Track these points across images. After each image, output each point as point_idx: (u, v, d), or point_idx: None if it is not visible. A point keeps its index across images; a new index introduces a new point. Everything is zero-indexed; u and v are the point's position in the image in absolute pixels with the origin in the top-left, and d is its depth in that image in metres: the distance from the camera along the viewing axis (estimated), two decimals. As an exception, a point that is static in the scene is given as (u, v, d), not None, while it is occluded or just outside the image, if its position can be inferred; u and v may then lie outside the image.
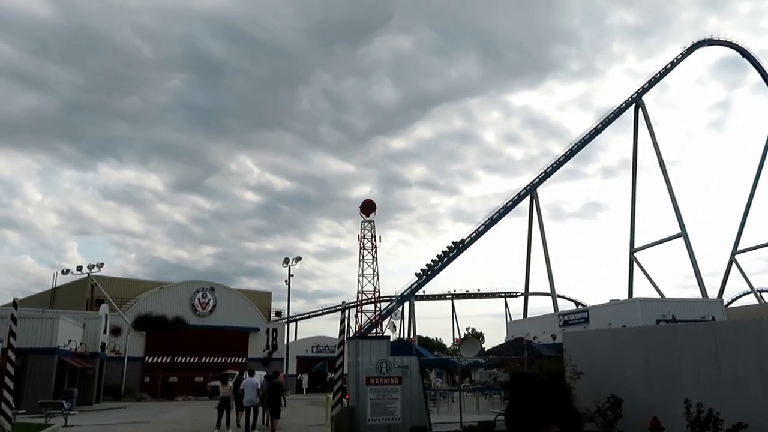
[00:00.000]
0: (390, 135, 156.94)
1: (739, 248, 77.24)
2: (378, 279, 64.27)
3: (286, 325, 50.07)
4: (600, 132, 72.96)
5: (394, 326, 61.38)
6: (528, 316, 64.81)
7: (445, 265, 67.17)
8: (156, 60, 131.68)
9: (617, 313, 25.44)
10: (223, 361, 46.60)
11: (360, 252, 64.57)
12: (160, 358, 45.35)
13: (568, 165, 72.11)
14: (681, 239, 67.24)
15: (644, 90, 74.54)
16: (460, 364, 19.42)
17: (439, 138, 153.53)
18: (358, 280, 63.91)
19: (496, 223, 70.02)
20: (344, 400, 16.83)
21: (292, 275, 45.27)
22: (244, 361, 46.90)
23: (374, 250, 64.88)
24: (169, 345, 45.14)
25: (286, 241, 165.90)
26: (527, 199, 70.58)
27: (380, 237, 68.08)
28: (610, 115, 74.58)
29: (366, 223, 65.77)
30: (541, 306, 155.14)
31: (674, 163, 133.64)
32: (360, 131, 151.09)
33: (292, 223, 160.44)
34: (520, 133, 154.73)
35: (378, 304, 64.55)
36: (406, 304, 70.35)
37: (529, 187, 71.05)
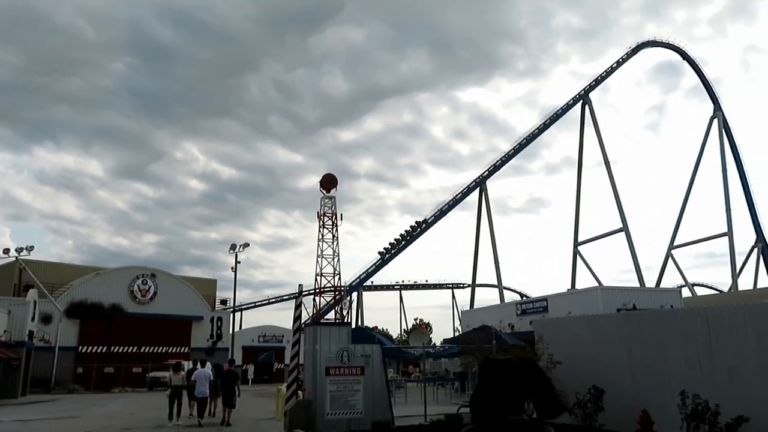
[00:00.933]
0: (340, 126, 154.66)
1: (675, 243, 79.09)
2: (339, 260, 60.42)
3: (231, 314, 47.75)
4: (547, 127, 73.32)
5: (343, 317, 59.68)
6: (474, 307, 64.63)
7: (404, 248, 65.83)
8: (99, 42, 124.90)
9: (578, 302, 24.77)
10: (164, 350, 43.96)
11: (319, 230, 60.44)
12: (96, 347, 42.32)
13: (513, 161, 71.97)
14: (623, 233, 68.08)
15: (591, 88, 75.14)
16: (424, 353, 18.14)
17: (388, 131, 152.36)
18: (317, 261, 60.02)
19: (445, 214, 69.50)
20: (299, 392, 15.23)
21: (239, 262, 43.04)
22: (186, 350, 44.40)
23: (334, 228, 60.74)
24: (106, 334, 42.15)
25: (232, 231, 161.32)
26: (476, 193, 70.21)
27: (341, 215, 61.98)
28: (558, 111, 74.83)
29: (326, 200, 61.09)
30: (486, 297, 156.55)
31: (614, 162, 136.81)
32: (310, 122, 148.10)
33: (239, 213, 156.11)
34: (468, 129, 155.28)
35: (339, 286, 60.83)
36: (354, 295, 68.98)
37: (479, 180, 70.76)
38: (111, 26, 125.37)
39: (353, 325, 67.95)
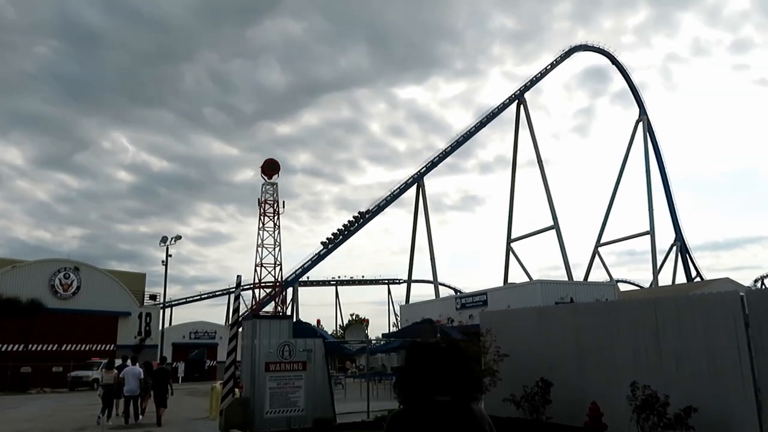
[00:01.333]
0: (276, 120, 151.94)
1: (602, 241, 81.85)
2: (280, 250, 58.27)
3: (162, 310, 45.65)
4: (484, 125, 74.21)
5: (284, 310, 58.31)
6: (410, 302, 64.82)
7: (347, 238, 64.93)
8: (21, 23, 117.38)
9: (517, 295, 24.85)
10: (87, 348, 41.48)
11: (260, 218, 57.83)
12: (11, 345, 39.43)
13: (448, 159, 72.52)
14: (553, 231, 69.81)
15: (526, 88, 76.63)
16: (369, 348, 17.54)
17: (326, 126, 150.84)
18: (257, 251, 57.68)
19: (382, 210, 69.26)
20: (236, 390, 14.33)
21: (171, 255, 41.14)
22: (112, 348, 42.06)
23: (276, 217, 58.34)
24: (23, 331, 39.29)
25: (163, 225, 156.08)
26: (413, 189, 70.30)
27: (283, 202, 58.77)
28: (494, 110, 75.92)
29: (267, 186, 58.45)
30: (421, 293, 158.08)
31: (546, 162, 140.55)
32: (246, 114, 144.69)
33: (170, 206, 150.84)
34: (405, 126, 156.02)
35: (280, 277, 58.53)
36: (290, 290, 67.72)
37: (416, 176, 70.89)
38: (35, 7, 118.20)
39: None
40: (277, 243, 57.75)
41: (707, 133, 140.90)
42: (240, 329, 14.78)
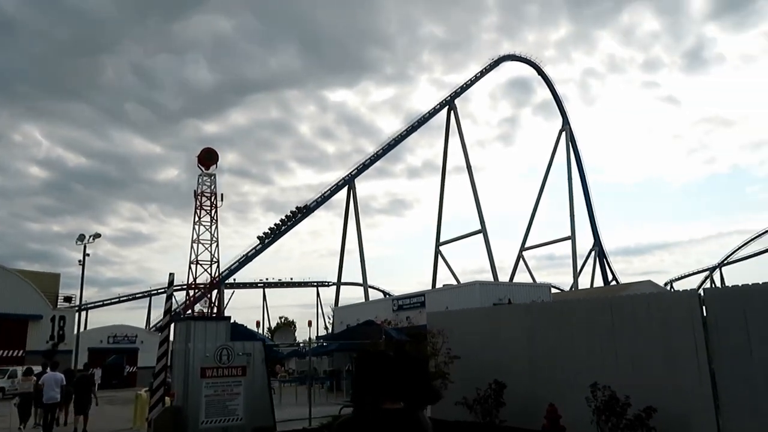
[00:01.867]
0: (203, 118, 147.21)
1: (526, 245, 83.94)
2: (218, 245, 54.96)
3: (77, 313, 42.55)
4: (415, 129, 74.56)
5: (221, 310, 55.79)
6: (339, 304, 64.03)
7: (284, 233, 62.91)
8: None
9: (456, 297, 24.59)
10: (-8, 354, 38.07)
11: (196, 212, 54.24)
12: None
13: (377, 163, 72.16)
14: (481, 235, 70.83)
15: (457, 95, 77.53)
16: (309, 350, 16.60)
17: (254, 126, 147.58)
18: (192, 247, 54.15)
19: (312, 212, 68.10)
20: (167, 398, 13.08)
21: (89, 254, 38.35)
22: (21, 354, 38.81)
23: (214, 210, 54.94)
24: None
25: (78, 224, 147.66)
26: (343, 192, 69.51)
27: (222, 195, 55.45)
28: (425, 115, 76.43)
29: (204, 177, 54.77)
30: (351, 296, 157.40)
31: (475, 168, 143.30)
32: (170, 111, 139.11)
33: (87, 204, 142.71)
34: (335, 129, 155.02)
35: (217, 275, 54.99)
36: (215, 292, 65.22)
37: (347, 178, 70.18)
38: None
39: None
40: (214, 238, 54.58)
41: (621, 145, 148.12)
42: (171, 332, 13.52)
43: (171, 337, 13.75)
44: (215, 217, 54.82)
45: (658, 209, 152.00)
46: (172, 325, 13.96)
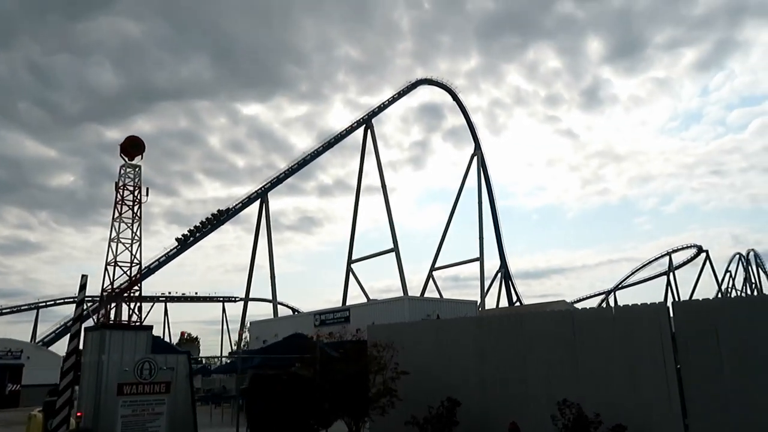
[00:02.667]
0: (105, 124, 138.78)
1: (437, 266, 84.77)
2: (141, 245, 49.28)
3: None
4: (332, 146, 73.84)
5: (139, 318, 51.26)
6: (246, 320, 61.74)
7: (205, 236, 59.60)
8: None
9: (383, 311, 23.70)
10: None
11: (116, 206, 48.75)
12: None
13: (288, 180, 70.43)
14: (393, 254, 70.66)
15: (374, 114, 77.62)
16: (239, 364, 15.02)
17: (161, 135, 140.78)
18: (109, 246, 48.51)
19: (222, 224, 65.38)
20: (72, 420, 11.19)
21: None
22: None
23: (137, 206, 49.29)
24: None
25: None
26: (254, 206, 67.27)
27: (147, 189, 50.26)
28: (342, 132, 75.92)
29: (128, 169, 49.62)
30: (257, 312, 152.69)
31: (393, 189, 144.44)
32: (69, 114, 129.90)
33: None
34: (246, 142, 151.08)
35: (138, 276, 49.84)
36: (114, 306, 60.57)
37: (260, 191, 68.03)
38: None
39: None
40: (136, 237, 49.21)
41: (524, 173, 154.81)
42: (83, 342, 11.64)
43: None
44: (138, 214, 49.39)
45: (555, 235, 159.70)
46: (82, 335, 12.05)
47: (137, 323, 43.06)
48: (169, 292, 70.23)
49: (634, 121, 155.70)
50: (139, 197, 49.03)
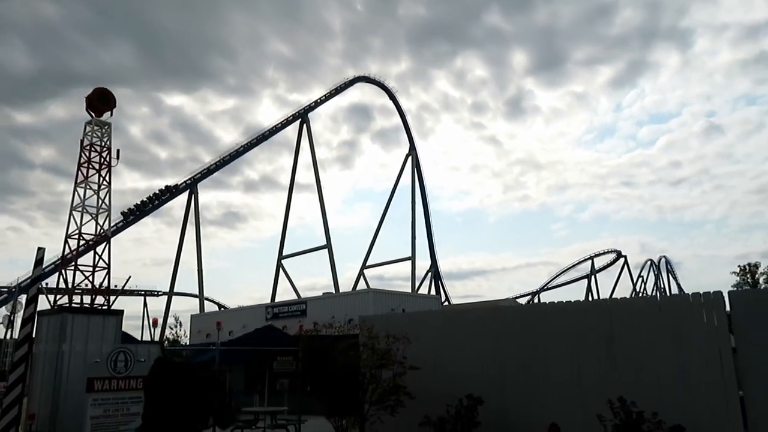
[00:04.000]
0: (15, 107, 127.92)
1: (368, 264, 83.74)
2: (109, 215, 41.83)
3: None
4: (266, 139, 71.36)
5: (11, 322, 46.25)
6: (170, 316, 58.49)
7: (150, 211, 55.41)
8: None
9: (344, 305, 22.20)
10: None
11: (79, 169, 41.30)
12: None
13: (214, 174, 67.14)
14: (326, 250, 69.06)
15: (311, 108, 75.70)
16: (217, 354, 13.12)
17: (77, 121, 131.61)
18: (71, 215, 41.15)
19: (146, 215, 61.59)
20: (26, 420, 9.12)
21: None
22: None
23: (106, 170, 41.78)
24: None
25: None
26: (182, 198, 63.79)
27: (118, 152, 42.74)
28: (277, 125, 73.64)
29: (96, 127, 41.87)
30: (180, 308, 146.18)
31: (310, 187, 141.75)
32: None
33: None
34: (169, 134, 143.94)
35: (107, 252, 41.71)
36: (24, 298, 55.30)
37: (189, 182, 64.49)
38: None
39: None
40: (104, 206, 41.80)
41: (449, 177, 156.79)
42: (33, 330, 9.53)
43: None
44: (107, 179, 41.54)
45: (478, 239, 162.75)
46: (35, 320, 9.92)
47: (103, 307, 35.82)
48: (86, 285, 64.83)
49: (553, 132, 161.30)
50: (108, 160, 41.48)
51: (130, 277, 43.19)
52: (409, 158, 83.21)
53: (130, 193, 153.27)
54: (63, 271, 39.55)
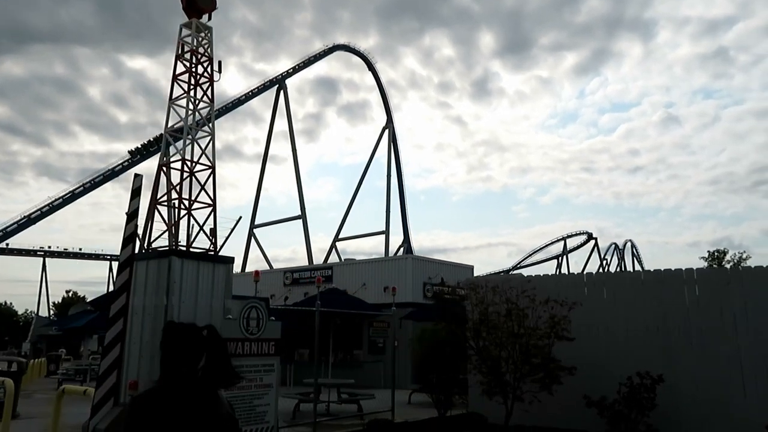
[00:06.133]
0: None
1: (340, 236, 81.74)
2: (213, 140, 30.19)
3: None
4: (243, 103, 67.82)
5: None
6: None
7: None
8: None
9: (380, 271, 20.36)
10: None
11: (177, 82, 30.30)
12: None
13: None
14: (300, 221, 66.89)
15: (288, 75, 72.51)
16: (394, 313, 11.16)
17: (33, 79, 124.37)
18: (165, 138, 30.62)
19: (107, 180, 57.95)
20: (128, 390, 7.10)
21: None
22: None
23: (208, 84, 30.52)
24: None
25: None
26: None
27: (220, 63, 31.44)
28: (254, 89, 70.29)
29: (195, 33, 30.47)
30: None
31: (274, 158, 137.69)
32: None
33: None
34: (130, 97, 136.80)
35: (212, 179, 29.16)
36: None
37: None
38: None
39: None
40: (207, 129, 30.41)
41: (414, 155, 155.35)
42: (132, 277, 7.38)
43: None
44: (209, 95, 30.56)
45: (440, 217, 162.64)
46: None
47: (210, 252, 26.70)
48: (49, 247, 60.71)
49: (517, 114, 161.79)
50: (210, 72, 30.63)
51: (240, 217, 33.31)
52: (386, 131, 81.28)
53: (88, 156, 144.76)
54: (157, 207, 28.76)
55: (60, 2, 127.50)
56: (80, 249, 63.74)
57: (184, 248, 23.83)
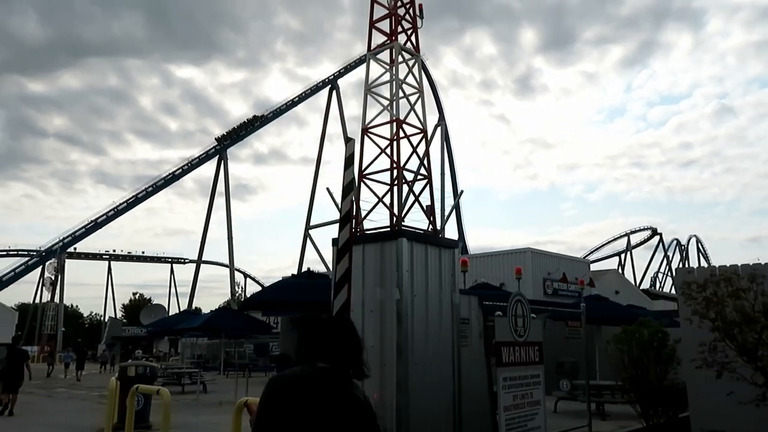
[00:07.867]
0: (29, 76, 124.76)
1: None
2: (421, 95, 14.38)
3: None
4: (309, 97, 68.25)
5: (53, 285, 42.10)
6: (198, 284, 55.84)
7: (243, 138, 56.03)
8: None
9: (499, 265, 18.67)
10: None
11: (375, 27, 10.69)
12: None
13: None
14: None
15: (340, 74, 71.99)
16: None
17: (89, 91, 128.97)
18: (366, 96, 12.79)
19: (177, 179, 58.71)
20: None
21: None
22: None
23: (411, 32, 15.24)
24: None
25: None
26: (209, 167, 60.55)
27: (421, 6, 15.29)
28: (307, 91, 70.60)
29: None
30: (210, 275, 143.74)
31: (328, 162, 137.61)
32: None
33: None
34: (179, 105, 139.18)
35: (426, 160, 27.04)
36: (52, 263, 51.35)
37: (219, 148, 61.21)
38: None
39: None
40: (415, 86, 16.16)
41: (459, 154, 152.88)
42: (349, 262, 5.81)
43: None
44: (414, 42, 16.19)
45: (486, 215, 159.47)
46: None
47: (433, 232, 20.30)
48: (114, 250, 60.97)
49: (563, 111, 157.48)
50: (413, 16, 21.06)
51: (462, 191, 29.55)
52: (439, 128, 79.46)
53: (141, 163, 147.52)
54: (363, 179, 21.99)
55: (112, 15, 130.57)
56: (143, 252, 63.87)
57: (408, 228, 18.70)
